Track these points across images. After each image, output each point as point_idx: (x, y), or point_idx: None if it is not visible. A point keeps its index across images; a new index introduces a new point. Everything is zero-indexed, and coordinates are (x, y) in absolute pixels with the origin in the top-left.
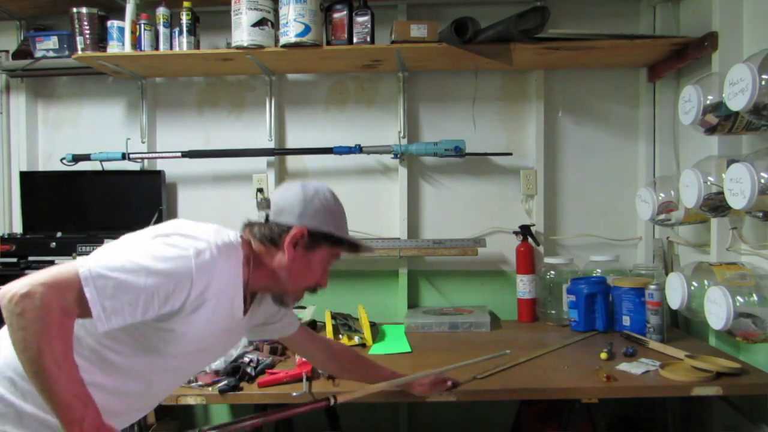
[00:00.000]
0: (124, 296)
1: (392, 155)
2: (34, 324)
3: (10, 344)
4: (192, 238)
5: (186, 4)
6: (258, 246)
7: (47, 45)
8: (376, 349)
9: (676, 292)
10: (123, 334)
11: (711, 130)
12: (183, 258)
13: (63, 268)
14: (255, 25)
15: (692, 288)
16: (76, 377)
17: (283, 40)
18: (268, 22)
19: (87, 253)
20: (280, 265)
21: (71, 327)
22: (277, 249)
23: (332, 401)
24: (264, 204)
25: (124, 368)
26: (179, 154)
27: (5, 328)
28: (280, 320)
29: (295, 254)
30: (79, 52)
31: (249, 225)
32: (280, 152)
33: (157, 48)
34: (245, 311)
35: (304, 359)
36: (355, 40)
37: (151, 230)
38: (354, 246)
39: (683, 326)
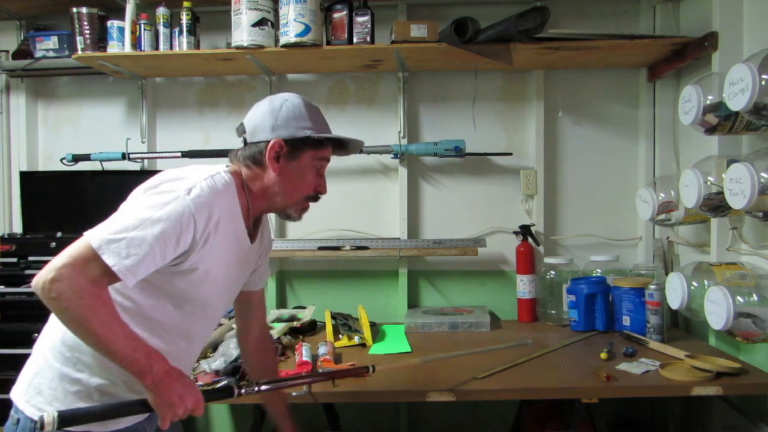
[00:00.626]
0: (139, 251)
1: (392, 155)
2: (72, 302)
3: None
4: (179, 180)
5: (186, 4)
6: (246, 171)
7: (47, 45)
8: (376, 349)
9: (676, 292)
10: (160, 291)
11: (711, 130)
12: (177, 199)
13: (77, 246)
14: (255, 25)
15: (692, 288)
16: (130, 334)
17: (283, 40)
18: (268, 22)
19: None
20: (271, 181)
21: (107, 294)
22: (264, 168)
23: (371, 370)
24: (240, 129)
25: (171, 326)
26: (179, 154)
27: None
28: (262, 264)
29: (281, 166)
30: (79, 52)
31: (233, 155)
32: None
33: (157, 48)
34: (253, 239)
35: (305, 359)
36: (355, 40)
37: (140, 188)
38: (339, 142)
39: (683, 326)
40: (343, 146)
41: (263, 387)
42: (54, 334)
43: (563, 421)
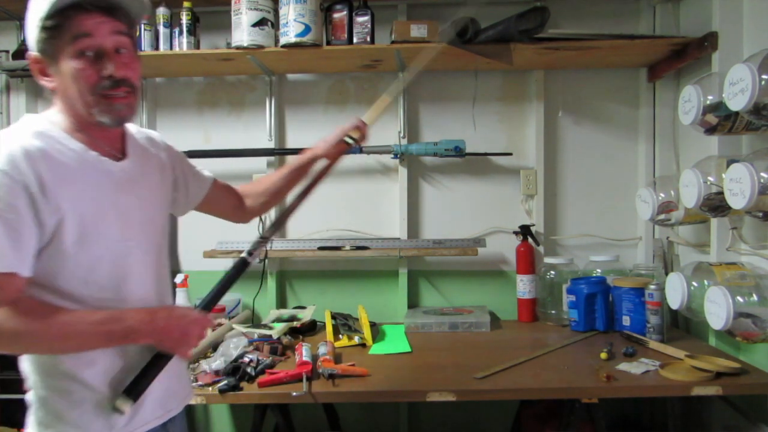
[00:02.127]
0: (5, 245)
1: (392, 155)
2: (12, 337)
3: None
4: None
5: (186, 4)
6: (53, 98)
7: None
8: (376, 349)
9: (676, 292)
10: (75, 268)
11: (711, 130)
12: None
13: None
14: (255, 25)
15: (692, 288)
16: (88, 318)
17: (283, 40)
18: (268, 22)
19: None
20: (59, 94)
21: (27, 302)
22: (46, 88)
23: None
24: None
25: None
26: None
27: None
28: (183, 174)
29: (51, 77)
30: None
31: None
32: (280, 152)
33: (157, 48)
34: (122, 156)
35: (305, 359)
36: (355, 40)
37: None
38: (108, 9)
39: (683, 326)
40: (112, 11)
41: (267, 234)
42: (28, 375)
43: (563, 421)
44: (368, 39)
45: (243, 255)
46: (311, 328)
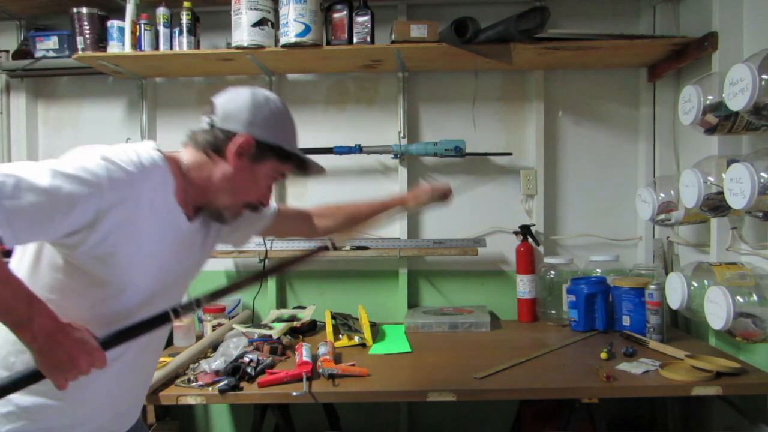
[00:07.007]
0: (28, 197)
1: (392, 155)
2: None
3: None
4: (96, 148)
5: (186, 4)
6: (196, 156)
7: (47, 45)
8: (376, 349)
9: (676, 292)
10: (87, 291)
11: (711, 130)
12: (91, 161)
13: None
14: (255, 25)
15: (692, 288)
16: (8, 278)
17: (283, 40)
18: (268, 22)
19: None
20: (223, 175)
21: None
22: (221, 158)
23: (330, 245)
24: (209, 108)
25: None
26: None
27: None
28: (239, 229)
29: (240, 164)
30: (79, 52)
31: (192, 133)
32: None
33: (157, 48)
34: (193, 218)
35: (305, 359)
36: (355, 40)
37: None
38: (303, 163)
39: (683, 326)
40: (303, 167)
41: (202, 301)
42: None
43: (563, 421)
44: (368, 39)
45: (168, 310)
46: (311, 328)
